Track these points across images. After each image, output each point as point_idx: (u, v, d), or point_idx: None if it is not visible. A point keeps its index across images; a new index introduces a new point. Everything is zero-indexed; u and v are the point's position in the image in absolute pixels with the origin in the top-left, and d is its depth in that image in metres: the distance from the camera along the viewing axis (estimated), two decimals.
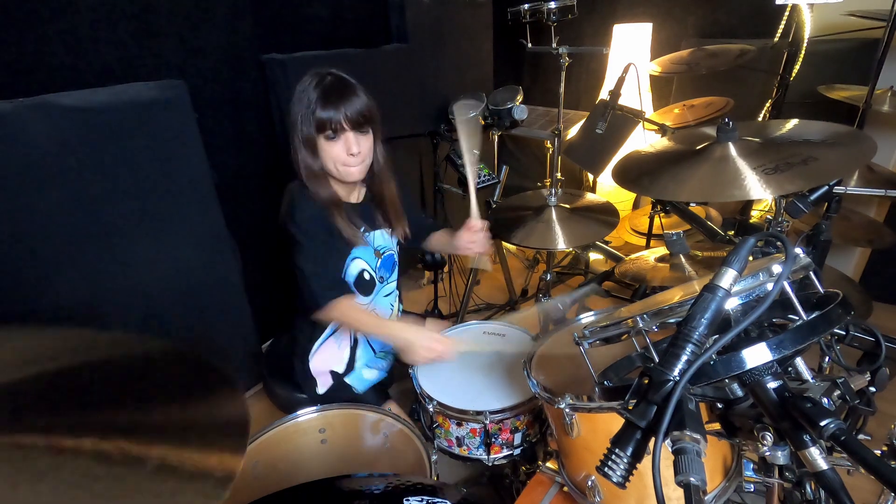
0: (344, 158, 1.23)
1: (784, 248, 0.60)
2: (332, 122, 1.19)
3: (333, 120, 1.19)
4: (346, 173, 1.26)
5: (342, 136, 1.22)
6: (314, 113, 1.19)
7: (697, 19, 2.84)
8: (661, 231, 1.51)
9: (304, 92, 1.21)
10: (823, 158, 0.97)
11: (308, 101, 1.19)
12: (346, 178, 1.28)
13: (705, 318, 0.56)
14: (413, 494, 0.92)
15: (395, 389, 1.55)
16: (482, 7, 2.94)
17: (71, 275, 1.46)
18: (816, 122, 1.13)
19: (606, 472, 0.54)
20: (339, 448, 1.30)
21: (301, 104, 1.20)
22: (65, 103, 1.37)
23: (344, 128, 1.21)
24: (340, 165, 1.25)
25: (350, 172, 1.26)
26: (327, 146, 1.23)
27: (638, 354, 0.83)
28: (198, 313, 1.82)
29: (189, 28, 1.73)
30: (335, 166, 1.25)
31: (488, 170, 2.21)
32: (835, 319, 0.63)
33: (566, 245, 1.66)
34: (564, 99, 1.88)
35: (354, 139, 1.22)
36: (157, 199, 1.62)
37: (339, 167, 1.25)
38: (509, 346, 1.47)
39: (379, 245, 1.43)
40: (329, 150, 1.23)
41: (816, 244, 1.20)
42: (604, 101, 1.68)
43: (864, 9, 1.87)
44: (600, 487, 0.97)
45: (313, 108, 1.19)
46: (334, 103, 1.19)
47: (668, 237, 1.31)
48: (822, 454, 0.55)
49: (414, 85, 2.56)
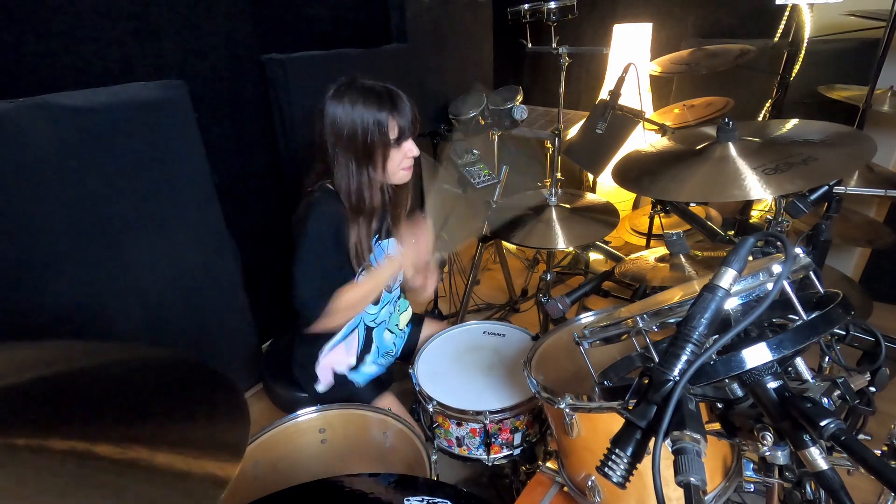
0: (405, 163, 1.30)
1: (784, 248, 0.60)
2: (405, 129, 1.25)
3: (407, 127, 1.25)
4: (404, 176, 1.32)
5: (406, 142, 1.27)
6: (388, 124, 1.22)
7: (697, 19, 2.84)
8: (661, 231, 1.51)
9: (359, 108, 1.21)
10: (823, 158, 0.97)
11: (373, 114, 1.21)
12: (401, 181, 1.34)
13: (705, 318, 0.56)
14: (413, 494, 0.92)
15: (395, 389, 1.55)
16: (482, 7, 2.94)
17: (71, 275, 1.46)
18: (816, 122, 1.13)
19: (606, 472, 0.54)
20: (339, 448, 1.30)
21: (360, 119, 1.21)
22: (65, 103, 1.37)
23: (409, 134, 1.27)
24: (401, 170, 1.30)
25: (407, 175, 1.33)
26: (393, 153, 1.26)
27: (638, 354, 0.83)
28: (198, 313, 1.82)
29: (189, 28, 1.73)
30: (395, 172, 1.30)
31: (488, 170, 2.21)
32: (835, 319, 0.63)
33: (566, 245, 1.66)
34: (564, 99, 1.88)
35: (413, 143, 1.29)
36: (158, 199, 1.62)
37: (400, 172, 1.30)
38: (509, 345, 1.47)
39: (391, 253, 1.43)
40: (395, 158, 1.27)
41: (816, 244, 1.20)
42: (604, 101, 1.68)
43: (864, 9, 1.87)
44: (600, 487, 0.97)
45: (386, 120, 1.21)
46: (404, 111, 1.24)
47: (668, 237, 1.31)
48: (822, 454, 0.55)
49: (414, 85, 2.56)
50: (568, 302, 1.34)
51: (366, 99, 1.21)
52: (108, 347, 0.76)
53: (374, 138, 1.22)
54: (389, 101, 1.22)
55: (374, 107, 1.21)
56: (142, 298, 1.64)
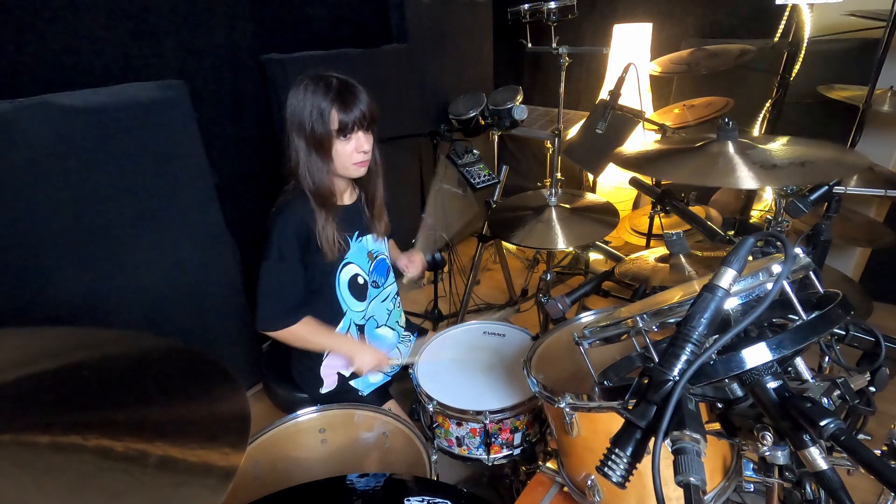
0: (356, 157, 1.29)
1: (784, 247, 0.59)
2: (349, 123, 1.24)
3: (350, 121, 1.24)
4: (354, 171, 1.32)
5: (354, 135, 1.26)
6: (330, 114, 1.22)
7: (697, 19, 2.84)
8: (661, 231, 1.51)
9: (308, 96, 1.22)
10: (820, 161, 0.97)
11: (318, 103, 1.21)
12: (353, 175, 1.33)
13: (705, 318, 0.56)
14: (413, 494, 0.92)
15: (395, 389, 1.55)
16: (482, 7, 2.94)
17: (71, 274, 1.46)
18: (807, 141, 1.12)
19: (606, 472, 0.54)
20: (339, 448, 1.30)
21: (308, 107, 1.22)
22: (65, 103, 1.37)
23: (356, 128, 1.25)
24: (351, 165, 1.29)
25: (359, 170, 1.32)
26: (340, 146, 1.26)
27: (638, 354, 0.83)
28: (198, 313, 1.82)
29: (189, 28, 1.73)
30: (346, 165, 1.29)
31: (488, 170, 2.21)
32: (835, 319, 0.63)
33: (566, 245, 1.66)
34: (564, 99, 1.88)
35: (364, 138, 1.28)
36: (157, 199, 1.62)
37: (350, 166, 1.30)
38: (509, 345, 1.47)
39: (372, 248, 1.44)
40: (342, 150, 1.27)
41: (816, 244, 1.20)
42: (604, 101, 1.68)
43: (864, 9, 1.87)
44: (600, 487, 0.97)
45: (328, 110, 1.22)
46: (350, 104, 1.23)
47: (668, 237, 1.31)
48: (821, 454, 0.55)
49: (414, 85, 2.56)
50: (568, 302, 1.33)
51: (315, 87, 1.22)
52: (108, 336, 0.76)
53: (317, 127, 1.22)
54: (335, 93, 1.21)
55: (320, 95, 1.21)
56: (141, 298, 1.64)
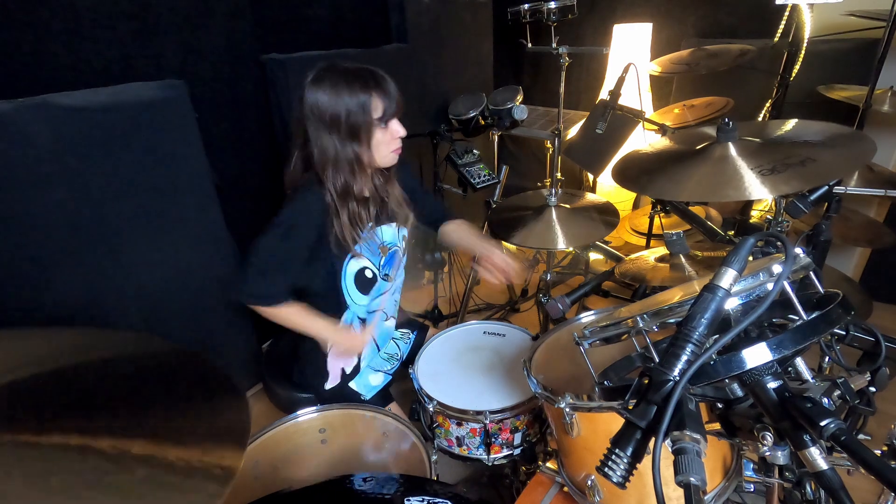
0: (394, 144, 1.26)
1: (784, 248, 0.60)
2: (388, 110, 1.21)
3: (391, 105, 1.21)
4: (392, 159, 1.29)
5: (390, 121, 1.23)
6: (371, 103, 1.18)
7: (697, 19, 2.84)
8: (661, 231, 1.51)
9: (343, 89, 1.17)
10: (821, 160, 0.97)
11: (356, 94, 1.18)
12: (390, 163, 1.30)
13: (705, 318, 0.56)
14: (413, 494, 0.92)
15: (395, 389, 1.55)
16: (482, 7, 2.94)
17: (71, 275, 1.46)
18: (816, 123, 1.13)
19: (606, 472, 0.54)
20: (339, 448, 1.30)
21: (345, 100, 1.17)
22: (65, 103, 1.37)
23: (394, 114, 1.23)
24: (389, 152, 1.27)
25: (395, 157, 1.29)
26: (379, 133, 1.23)
27: (638, 354, 0.83)
28: (198, 313, 1.82)
29: (189, 28, 1.73)
30: (384, 154, 1.26)
31: (488, 170, 2.21)
32: (835, 319, 0.63)
33: (566, 245, 1.66)
34: (564, 99, 1.88)
35: (398, 124, 1.25)
36: (157, 200, 1.61)
37: (389, 154, 1.27)
38: (509, 345, 1.47)
39: (386, 241, 1.41)
40: (381, 138, 1.24)
41: (816, 244, 1.20)
42: (604, 101, 1.68)
43: (864, 9, 1.87)
44: (600, 487, 0.97)
45: (369, 100, 1.18)
46: (387, 90, 1.20)
47: (668, 237, 1.31)
48: (822, 454, 0.55)
49: (414, 85, 2.56)
50: (568, 302, 1.33)
51: (348, 80, 1.18)
52: (109, 338, 0.76)
53: (359, 120, 1.18)
54: (373, 80, 1.19)
55: (358, 87, 1.18)
56: (141, 298, 1.64)
